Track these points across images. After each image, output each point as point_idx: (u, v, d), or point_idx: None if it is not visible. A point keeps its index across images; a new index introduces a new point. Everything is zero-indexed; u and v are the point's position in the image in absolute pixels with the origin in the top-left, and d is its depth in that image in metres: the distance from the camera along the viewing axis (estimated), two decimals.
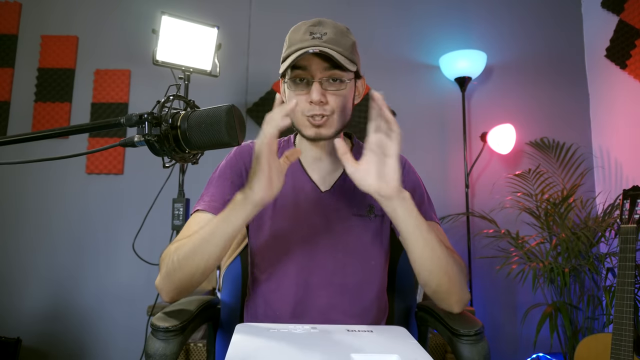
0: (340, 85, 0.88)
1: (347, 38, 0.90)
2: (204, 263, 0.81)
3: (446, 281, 0.83)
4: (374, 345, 0.67)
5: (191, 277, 0.83)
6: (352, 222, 0.96)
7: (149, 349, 0.78)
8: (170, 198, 2.08)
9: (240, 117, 0.63)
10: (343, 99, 0.90)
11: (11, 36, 2.60)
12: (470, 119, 2.62)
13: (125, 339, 2.37)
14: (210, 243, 0.80)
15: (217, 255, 0.81)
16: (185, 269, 0.81)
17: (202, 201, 0.93)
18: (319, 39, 0.86)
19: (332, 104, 0.88)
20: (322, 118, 0.88)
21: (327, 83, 0.87)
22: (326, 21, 0.90)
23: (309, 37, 0.87)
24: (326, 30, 0.87)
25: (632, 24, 2.31)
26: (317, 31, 0.87)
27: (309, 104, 0.87)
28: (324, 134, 0.90)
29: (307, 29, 0.88)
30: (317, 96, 0.85)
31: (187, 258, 0.81)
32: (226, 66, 2.37)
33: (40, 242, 2.45)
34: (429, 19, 2.70)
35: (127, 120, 0.60)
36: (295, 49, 0.86)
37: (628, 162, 2.33)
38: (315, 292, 0.92)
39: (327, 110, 0.88)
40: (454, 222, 2.45)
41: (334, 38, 0.87)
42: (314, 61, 0.86)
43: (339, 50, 0.85)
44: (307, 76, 0.87)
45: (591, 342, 1.61)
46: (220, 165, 1.00)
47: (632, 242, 1.49)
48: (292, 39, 0.89)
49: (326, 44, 0.85)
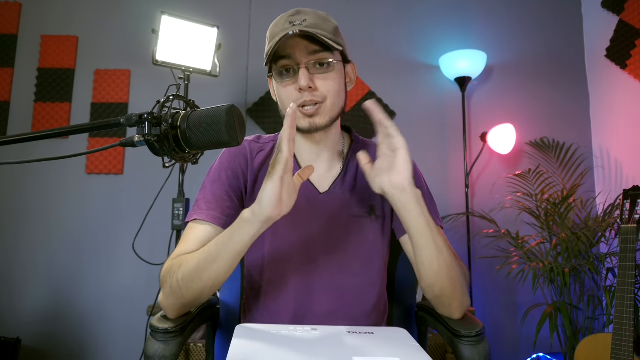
0: (328, 69, 0.86)
1: (329, 22, 0.88)
2: (211, 282, 0.78)
3: (450, 286, 0.81)
4: (375, 347, 0.67)
5: (198, 296, 0.79)
6: (352, 224, 0.94)
7: (148, 350, 0.78)
8: (170, 198, 2.08)
9: (240, 117, 0.63)
10: (333, 82, 0.87)
11: (11, 36, 2.60)
12: (470, 119, 2.62)
13: (125, 339, 2.36)
14: (216, 263, 0.76)
15: (225, 274, 0.78)
16: (190, 288, 0.78)
17: (199, 209, 0.89)
18: (299, 25, 0.84)
19: (322, 89, 0.86)
20: (315, 106, 0.85)
21: (314, 68, 0.85)
22: (305, 10, 0.87)
23: (289, 25, 0.84)
24: (305, 17, 0.85)
25: (632, 24, 2.31)
26: (296, 19, 0.85)
27: (298, 92, 0.85)
28: (318, 123, 0.87)
29: (287, 19, 0.86)
30: (305, 81, 0.83)
31: (191, 278, 0.77)
32: (226, 66, 2.37)
33: (40, 242, 2.45)
34: (429, 19, 2.70)
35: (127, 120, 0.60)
36: (278, 40, 0.83)
37: (628, 162, 2.33)
38: (316, 296, 0.91)
39: (318, 96, 0.85)
40: (454, 222, 2.45)
41: (315, 23, 0.85)
42: (298, 48, 0.84)
43: (320, 32, 0.83)
44: (292, 64, 0.85)
45: (591, 342, 1.61)
46: (212, 168, 0.96)
47: (632, 242, 1.49)
48: (273, 32, 0.87)
49: (305, 28, 0.83)
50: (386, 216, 0.96)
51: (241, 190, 0.94)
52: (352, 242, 0.93)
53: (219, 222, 0.87)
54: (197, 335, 1.98)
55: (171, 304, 0.81)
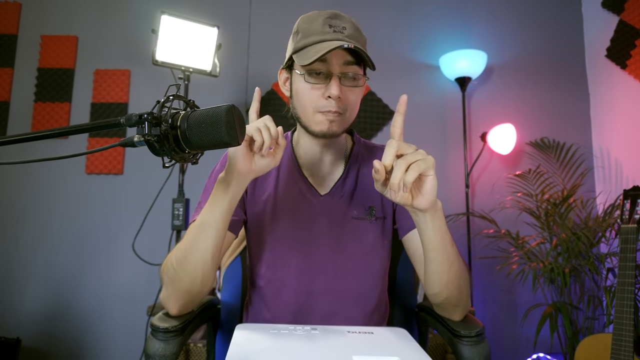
0: (356, 82, 0.87)
1: (362, 35, 0.89)
2: (201, 260, 0.78)
3: (456, 294, 0.82)
4: (374, 347, 0.67)
5: (193, 281, 0.79)
6: (352, 225, 0.93)
7: (148, 350, 0.78)
8: (170, 198, 2.08)
9: (240, 117, 0.63)
10: (356, 96, 0.88)
11: (11, 36, 2.60)
12: (470, 119, 2.61)
13: (125, 339, 2.36)
14: (202, 237, 0.78)
15: (212, 248, 0.78)
16: (184, 271, 0.79)
17: (201, 209, 0.89)
18: (340, 33, 0.84)
19: (347, 101, 0.86)
20: (336, 115, 0.86)
21: (344, 79, 0.85)
22: (343, 15, 0.87)
23: (329, 29, 0.84)
24: (344, 25, 0.85)
25: (632, 24, 2.31)
26: (336, 24, 0.85)
27: (324, 99, 0.84)
28: (335, 130, 0.87)
29: (325, 21, 0.85)
30: (337, 91, 0.83)
31: (184, 259, 0.78)
32: (226, 66, 2.37)
33: (40, 242, 2.45)
34: (429, 19, 2.70)
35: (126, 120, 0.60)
36: (318, 40, 0.83)
37: (628, 162, 2.33)
38: (317, 298, 0.91)
39: (342, 107, 0.86)
40: (454, 222, 2.45)
41: (354, 34, 0.85)
42: (335, 55, 0.84)
43: (361, 48, 0.83)
44: (325, 69, 0.84)
45: (591, 343, 1.61)
46: (214, 170, 0.97)
47: (632, 242, 1.49)
48: (308, 30, 0.85)
49: (348, 39, 0.83)
50: (386, 217, 0.96)
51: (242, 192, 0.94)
52: (352, 243, 0.93)
53: None
54: (197, 335, 1.98)
55: (171, 294, 0.82)
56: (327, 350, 0.65)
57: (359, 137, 1.03)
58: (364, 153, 1.01)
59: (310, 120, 0.88)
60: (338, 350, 0.64)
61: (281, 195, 0.94)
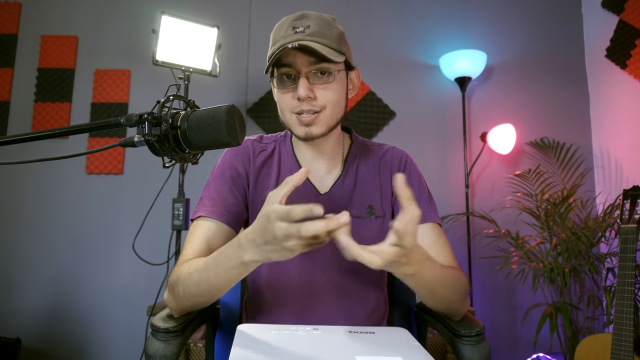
0: (328, 78, 0.85)
1: (334, 29, 0.87)
2: (212, 299, 0.81)
3: (452, 308, 0.85)
4: (376, 347, 0.67)
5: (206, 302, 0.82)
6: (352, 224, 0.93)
7: (149, 350, 0.78)
8: (170, 198, 2.08)
9: (241, 117, 0.63)
10: (333, 92, 0.86)
11: (11, 36, 2.60)
12: (470, 119, 2.62)
13: (125, 339, 2.36)
14: (212, 293, 0.78)
15: (223, 293, 0.79)
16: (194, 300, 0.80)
17: (204, 206, 0.90)
18: (301, 33, 0.83)
19: (322, 98, 0.85)
20: (312, 115, 0.85)
21: (314, 77, 0.85)
22: (309, 14, 0.86)
23: (292, 32, 0.84)
24: (309, 23, 0.84)
25: (632, 23, 2.31)
26: (300, 25, 0.84)
27: (296, 101, 0.85)
28: (314, 132, 0.87)
29: (290, 24, 0.85)
30: (304, 91, 0.83)
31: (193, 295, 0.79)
32: (226, 66, 2.37)
33: (40, 242, 2.45)
34: (429, 19, 2.70)
35: (127, 120, 0.60)
36: (279, 46, 0.83)
37: (628, 162, 2.33)
38: (317, 296, 0.91)
39: (317, 105, 0.85)
40: (454, 222, 2.45)
41: (318, 30, 0.84)
42: (298, 56, 0.83)
43: (323, 42, 0.83)
44: (293, 72, 0.85)
45: (591, 342, 1.61)
46: (216, 166, 0.97)
47: (632, 242, 1.49)
48: (275, 36, 0.87)
49: (309, 37, 0.82)
50: (386, 215, 0.96)
51: (244, 188, 0.95)
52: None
53: (223, 219, 0.89)
54: (197, 335, 1.98)
55: (176, 308, 0.83)
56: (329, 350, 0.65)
57: (357, 136, 1.03)
58: (362, 152, 1.01)
59: (291, 124, 0.89)
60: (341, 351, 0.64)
61: None
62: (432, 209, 0.96)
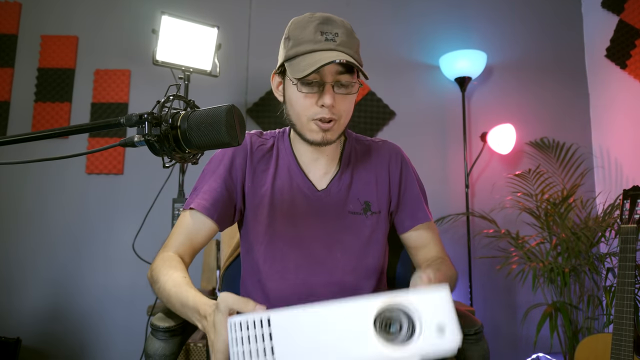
0: (350, 89, 0.88)
1: (355, 39, 0.89)
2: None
3: None
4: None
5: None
6: (348, 220, 0.96)
7: (148, 349, 0.78)
8: (170, 198, 2.08)
9: (240, 117, 0.63)
10: (350, 103, 0.89)
11: (11, 36, 2.60)
12: (470, 119, 2.62)
13: (125, 339, 2.36)
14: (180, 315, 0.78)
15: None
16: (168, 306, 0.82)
17: (195, 197, 0.93)
18: (332, 42, 0.84)
19: (340, 108, 0.87)
20: (330, 123, 0.87)
21: (337, 87, 0.86)
22: (334, 19, 0.87)
23: (321, 37, 0.84)
24: (337, 31, 0.85)
25: (632, 24, 2.31)
26: (328, 31, 0.84)
27: (317, 107, 0.86)
28: (329, 138, 0.89)
29: (317, 28, 0.85)
30: (330, 100, 0.84)
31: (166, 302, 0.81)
32: (226, 66, 2.37)
33: (40, 242, 2.45)
34: (429, 19, 2.70)
35: (127, 120, 0.60)
36: (310, 50, 0.83)
37: (628, 162, 2.33)
38: (315, 291, 0.92)
39: (336, 114, 0.87)
40: (454, 222, 2.45)
41: (346, 40, 0.85)
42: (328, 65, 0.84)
43: (351, 54, 0.84)
44: (319, 79, 0.85)
45: (591, 342, 1.61)
46: (213, 158, 0.99)
47: (632, 242, 1.49)
48: (300, 37, 0.86)
49: (341, 48, 0.84)
50: (382, 211, 0.97)
51: (241, 181, 0.96)
52: (348, 237, 0.95)
53: (210, 214, 0.91)
54: (197, 335, 1.98)
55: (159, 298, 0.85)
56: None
57: (350, 132, 1.05)
58: (357, 147, 1.03)
59: (305, 128, 0.89)
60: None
61: (279, 190, 0.96)
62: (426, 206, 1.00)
